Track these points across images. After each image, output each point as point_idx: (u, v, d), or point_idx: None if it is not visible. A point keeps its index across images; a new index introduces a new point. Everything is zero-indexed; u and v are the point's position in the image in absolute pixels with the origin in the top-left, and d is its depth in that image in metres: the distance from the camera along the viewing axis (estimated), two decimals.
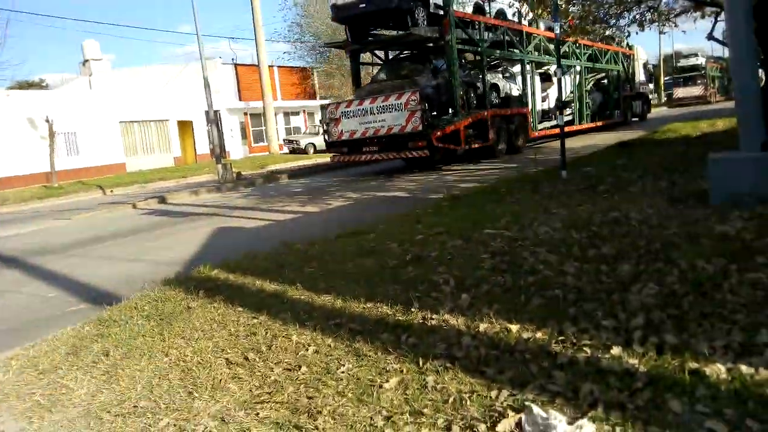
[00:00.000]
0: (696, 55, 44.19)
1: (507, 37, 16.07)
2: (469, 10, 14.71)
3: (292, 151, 29.07)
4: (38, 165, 22.85)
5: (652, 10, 12.75)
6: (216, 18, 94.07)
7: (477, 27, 14.89)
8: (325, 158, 18.71)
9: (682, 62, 45.58)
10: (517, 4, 12.96)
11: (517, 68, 17.39)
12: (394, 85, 13.64)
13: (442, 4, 13.58)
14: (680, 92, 42.78)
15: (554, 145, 14.88)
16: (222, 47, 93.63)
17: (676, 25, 14.11)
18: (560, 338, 2.57)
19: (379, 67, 16.10)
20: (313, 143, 28.84)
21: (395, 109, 12.73)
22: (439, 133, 12.83)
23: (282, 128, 34.73)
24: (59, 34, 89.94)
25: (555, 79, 18.90)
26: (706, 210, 4.51)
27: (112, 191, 18.29)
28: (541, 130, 17.89)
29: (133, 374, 2.95)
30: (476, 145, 14.25)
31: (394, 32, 15.33)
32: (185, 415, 2.47)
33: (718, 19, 11.75)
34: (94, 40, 33.82)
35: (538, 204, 6.13)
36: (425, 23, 13.55)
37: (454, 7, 13.69)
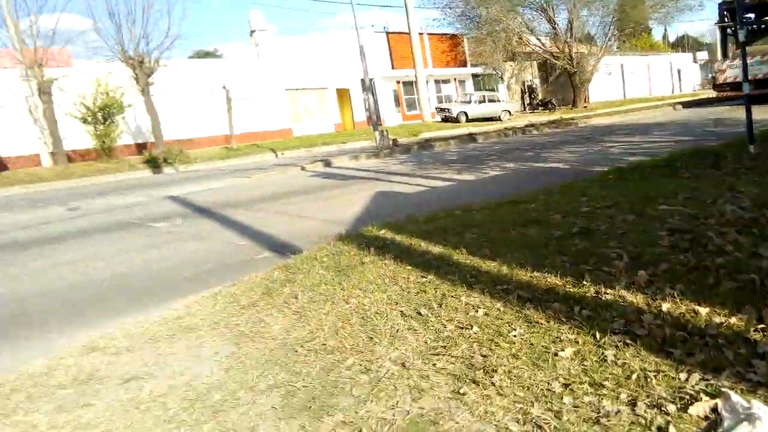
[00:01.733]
0: None
1: None
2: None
3: (444, 120, 29.00)
4: (218, 128, 25.41)
5: None
6: None
7: None
8: (480, 128, 23.32)
9: None
10: None
11: None
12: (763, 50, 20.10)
13: None
14: None
15: (736, 114, 13.59)
16: (372, 16, 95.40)
17: None
18: (760, 326, 2.38)
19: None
20: (465, 111, 28.49)
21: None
22: None
23: (433, 96, 34.75)
24: (226, 5, 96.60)
25: None
26: None
27: (282, 154, 19.83)
28: None
29: (320, 317, 3.26)
30: None
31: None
32: (368, 357, 2.69)
33: None
34: (260, 12, 35.96)
35: (720, 181, 5.59)
36: None
37: None
